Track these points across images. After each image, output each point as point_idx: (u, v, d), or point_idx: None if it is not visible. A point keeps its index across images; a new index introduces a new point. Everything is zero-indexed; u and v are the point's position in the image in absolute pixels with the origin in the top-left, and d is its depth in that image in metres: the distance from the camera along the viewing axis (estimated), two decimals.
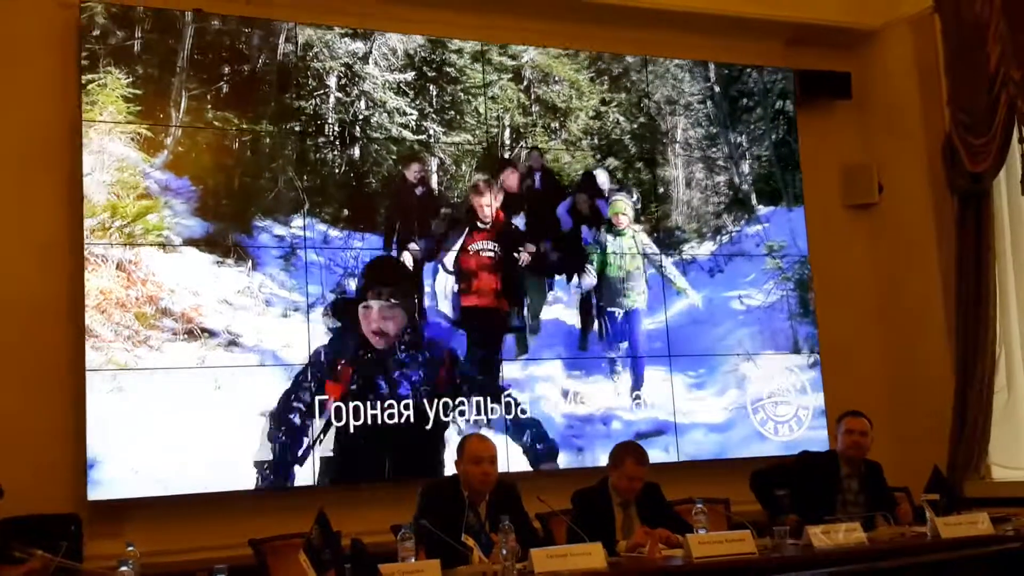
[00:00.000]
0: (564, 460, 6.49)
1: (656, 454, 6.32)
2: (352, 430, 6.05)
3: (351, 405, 6.07)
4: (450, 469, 5.21)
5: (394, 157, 6.45)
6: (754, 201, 7.41)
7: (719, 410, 6.99)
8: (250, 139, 6.12)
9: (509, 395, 6.45)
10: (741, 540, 4.39)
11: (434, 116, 6.59)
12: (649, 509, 4.91)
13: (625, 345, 6.87)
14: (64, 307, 5.69)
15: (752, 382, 7.12)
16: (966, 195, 7.11)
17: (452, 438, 6.15)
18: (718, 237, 7.26)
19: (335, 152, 6.32)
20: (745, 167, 7.43)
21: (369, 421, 6.09)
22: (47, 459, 5.53)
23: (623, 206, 7.03)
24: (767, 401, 7.13)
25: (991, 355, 7.00)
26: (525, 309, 6.65)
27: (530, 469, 6.36)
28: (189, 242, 5.88)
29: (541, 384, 6.58)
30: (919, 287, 7.51)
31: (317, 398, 6.01)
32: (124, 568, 3.40)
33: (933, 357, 7.36)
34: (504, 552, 3.95)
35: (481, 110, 6.71)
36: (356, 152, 6.36)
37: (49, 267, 5.72)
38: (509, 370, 6.49)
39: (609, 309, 6.88)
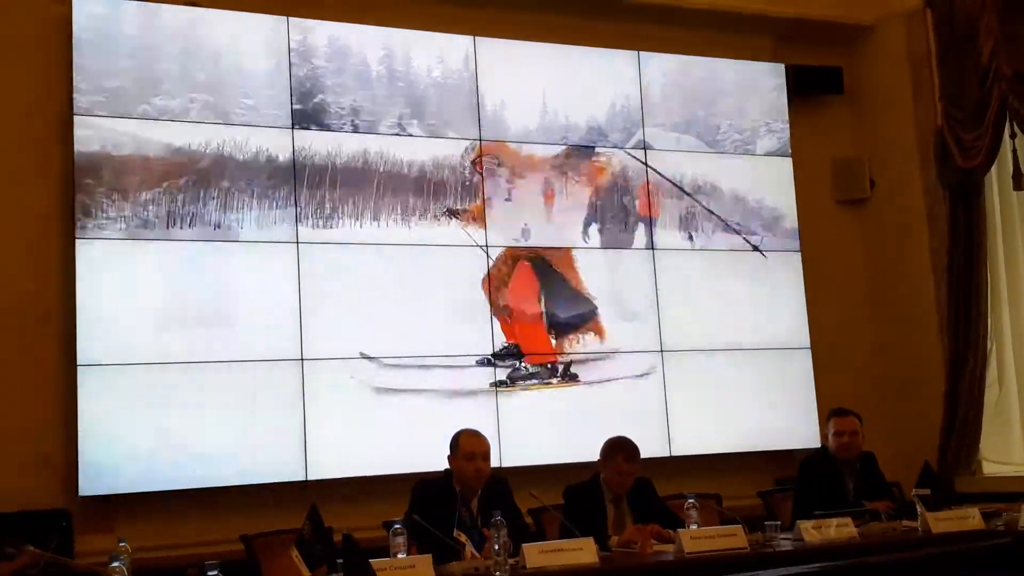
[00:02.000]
0: None
1: (647, 448, 6.32)
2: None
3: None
4: None
5: None
6: (745, 195, 7.40)
7: (710, 405, 6.99)
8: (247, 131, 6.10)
9: None
10: (733, 535, 4.40)
11: None
12: (641, 504, 4.91)
13: None
14: (55, 302, 5.66)
15: (743, 377, 7.12)
16: (957, 190, 7.10)
17: None
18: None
19: None
20: (735, 161, 7.42)
21: None
22: (37, 455, 5.51)
23: None
24: (758, 396, 7.12)
25: (982, 350, 7.00)
26: None
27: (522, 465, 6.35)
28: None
29: None
30: (910, 282, 7.51)
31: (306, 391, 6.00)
32: (115, 564, 3.38)
33: (924, 352, 7.36)
34: (496, 547, 3.94)
35: None
36: None
37: (40, 261, 5.69)
38: None
39: None
